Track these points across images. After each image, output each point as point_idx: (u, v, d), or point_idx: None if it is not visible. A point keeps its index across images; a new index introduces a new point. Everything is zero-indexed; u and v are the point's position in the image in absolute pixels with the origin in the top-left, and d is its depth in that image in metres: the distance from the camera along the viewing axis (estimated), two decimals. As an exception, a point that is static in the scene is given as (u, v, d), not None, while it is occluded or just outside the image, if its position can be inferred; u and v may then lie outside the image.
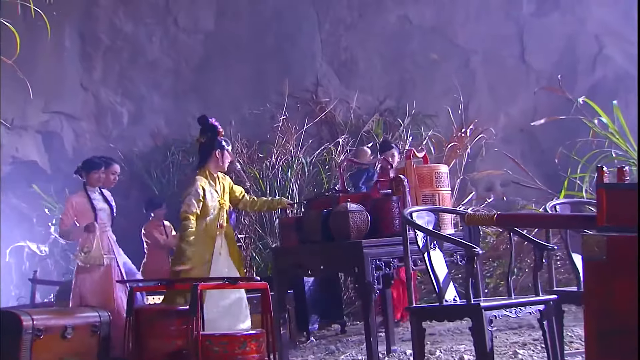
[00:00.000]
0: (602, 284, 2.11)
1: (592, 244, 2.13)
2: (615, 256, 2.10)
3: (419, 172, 3.93)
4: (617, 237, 2.13)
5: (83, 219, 5.14)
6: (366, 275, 3.54)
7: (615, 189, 2.23)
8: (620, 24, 10.22)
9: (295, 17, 9.71)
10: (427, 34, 9.99)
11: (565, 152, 6.80)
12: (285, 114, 8.09)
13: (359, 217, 3.68)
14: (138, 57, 9.23)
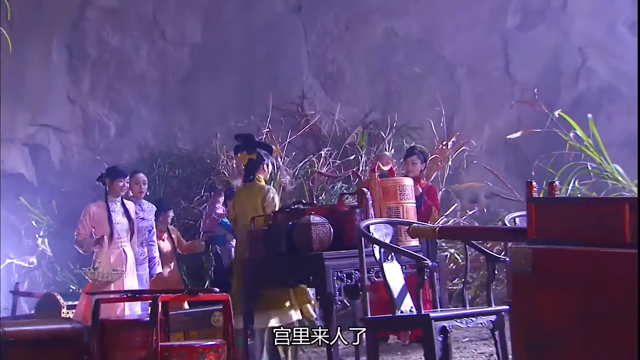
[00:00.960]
0: (527, 296, 2.17)
1: (518, 256, 2.20)
2: (540, 268, 2.17)
3: (383, 185, 4.01)
4: (543, 250, 2.20)
5: (99, 230, 4.99)
6: (327, 287, 3.61)
7: (543, 204, 2.30)
8: (603, 37, 10.33)
9: (281, 29, 9.82)
10: (413, 46, 10.10)
11: (541, 164, 6.87)
12: (269, 126, 8.17)
13: (322, 230, 3.75)
14: (125, 70, 9.33)
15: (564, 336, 2.10)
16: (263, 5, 9.86)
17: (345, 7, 9.97)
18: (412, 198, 4.06)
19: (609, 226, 2.10)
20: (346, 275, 3.68)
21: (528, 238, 2.29)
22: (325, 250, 3.75)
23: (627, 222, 2.08)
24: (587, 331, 2.05)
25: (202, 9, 9.70)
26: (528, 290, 2.18)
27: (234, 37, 9.72)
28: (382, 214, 3.93)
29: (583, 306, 2.06)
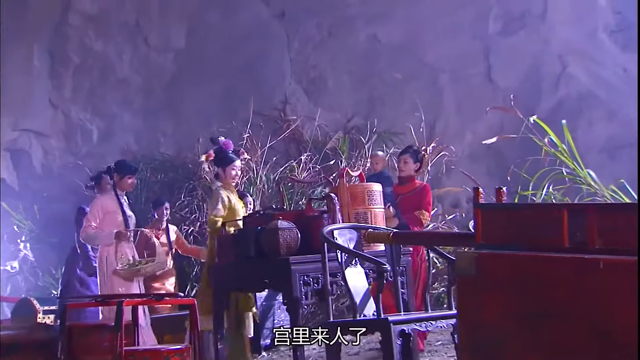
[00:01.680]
0: (472, 299, 2.23)
1: (463, 260, 2.26)
2: (484, 272, 2.22)
3: (351, 191, 4.06)
4: (487, 254, 2.26)
5: (110, 222, 4.85)
6: (294, 291, 3.65)
7: (489, 209, 2.36)
8: (583, 44, 10.44)
9: (265, 35, 9.88)
10: (395, 52, 10.17)
11: (516, 170, 6.94)
12: (249, 131, 8.21)
13: (289, 234, 3.80)
14: (108, 75, 9.37)
15: (506, 338, 2.15)
16: (246, 12, 9.93)
17: (328, 13, 10.04)
18: (380, 203, 4.12)
19: (549, 231, 2.16)
20: (313, 279, 3.72)
21: (476, 243, 2.35)
22: (293, 255, 3.80)
23: (566, 227, 2.14)
24: (526, 333, 2.11)
25: (185, 15, 9.75)
26: (473, 294, 2.23)
27: (218, 43, 9.77)
28: (350, 219, 3.98)
29: (523, 309, 2.12)
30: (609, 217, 2.08)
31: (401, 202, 5.44)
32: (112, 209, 4.88)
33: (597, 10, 10.85)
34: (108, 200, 4.94)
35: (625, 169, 9.81)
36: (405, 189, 5.60)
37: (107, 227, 4.81)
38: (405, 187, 5.62)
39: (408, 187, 5.62)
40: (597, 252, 2.06)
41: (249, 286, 4.06)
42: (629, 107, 10.26)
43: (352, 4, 10.10)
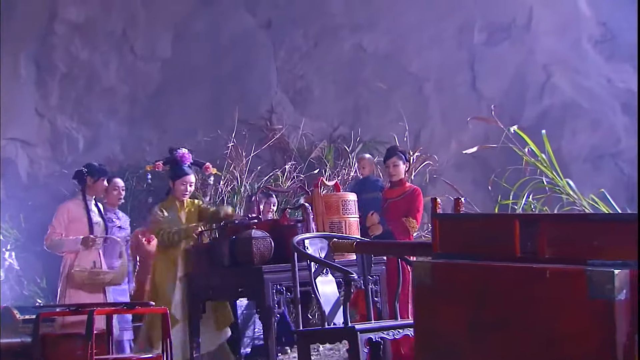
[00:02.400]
0: (428, 308, 2.27)
1: (420, 269, 2.30)
2: (439, 281, 2.27)
3: (326, 200, 4.10)
4: (442, 264, 2.30)
5: (76, 230, 4.65)
6: (266, 300, 3.69)
7: (446, 219, 2.40)
8: (567, 54, 10.55)
9: (251, 45, 9.94)
10: (381, 61, 10.25)
11: (496, 179, 6.99)
12: (234, 140, 8.25)
13: (262, 244, 3.84)
14: (94, 84, 9.40)
15: (459, 347, 2.19)
16: (233, 21, 9.99)
17: (314, 23, 10.12)
18: (354, 213, 4.16)
19: (502, 241, 2.21)
20: (286, 288, 3.76)
21: (433, 252, 2.40)
22: (267, 264, 3.84)
23: (518, 237, 2.18)
24: (478, 342, 2.15)
25: (172, 25, 9.80)
26: (428, 303, 2.28)
27: (204, 53, 9.82)
28: (324, 228, 4.02)
29: (475, 318, 2.16)
30: (558, 227, 2.13)
31: (390, 207, 5.24)
32: (79, 216, 4.69)
33: (581, 20, 10.97)
34: (73, 205, 4.76)
35: (609, 178, 9.91)
36: (395, 192, 5.36)
37: (72, 234, 4.64)
38: (395, 191, 5.37)
39: (398, 190, 5.36)
40: (547, 261, 2.11)
41: (223, 295, 4.09)
42: (612, 117, 10.39)
43: (338, 14, 10.18)
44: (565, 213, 5.90)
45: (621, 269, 1.91)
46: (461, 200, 2.44)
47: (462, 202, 2.44)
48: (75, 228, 4.68)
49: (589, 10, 11.13)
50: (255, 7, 10.11)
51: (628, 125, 10.37)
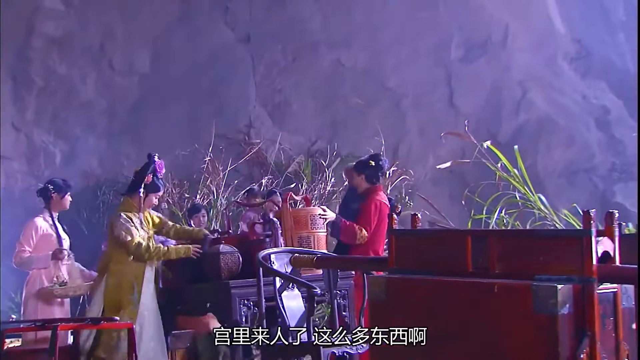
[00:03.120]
0: (382, 322, 2.30)
1: (374, 284, 2.34)
2: (393, 296, 2.30)
3: (295, 215, 4.13)
4: (396, 279, 2.34)
5: (45, 247, 4.58)
6: (233, 314, 3.70)
7: (402, 235, 2.44)
8: (542, 71, 10.72)
9: (230, 59, 9.99)
10: (359, 77, 10.34)
11: (470, 194, 7.07)
12: (210, 155, 8.28)
13: (230, 259, 3.86)
14: (72, 98, 9.38)
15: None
16: (212, 36, 10.04)
17: (293, 38, 10.19)
18: (323, 227, 4.19)
19: (455, 257, 2.25)
20: (253, 303, 3.77)
21: (389, 267, 2.43)
22: (235, 279, 3.85)
23: (469, 253, 2.23)
24: (430, 356, 2.18)
25: (150, 39, 9.83)
26: (382, 317, 2.31)
27: (183, 67, 9.85)
28: (293, 243, 4.05)
29: (428, 332, 2.20)
30: (507, 243, 2.18)
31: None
32: (47, 232, 4.63)
33: (556, 38, 11.16)
34: (42, 222, 4.69)
35: (583, 193, 10.04)
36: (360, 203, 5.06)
37: (42, 251, 4.59)
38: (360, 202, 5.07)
39: (361, 201, 5.06)
40: (497, 276, 2.16)
41: (192, 310, 4.09)
42: (586, 133, 10.54)
43: (317, 30, 10.27)
44: (513, 229, 5.93)
45: (564, 284, 1.96)
46: (418, 215, 2.49)
47: (418, 218, 2.48)
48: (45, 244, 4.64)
49: (564, 28, 11.32)
50: (234, 22, 10.17)
51: (602, 141, 10.53)
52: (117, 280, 4.18)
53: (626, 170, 10.01)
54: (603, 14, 12.51)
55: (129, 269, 4.18)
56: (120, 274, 4.20)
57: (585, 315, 1.96)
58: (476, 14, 10.67)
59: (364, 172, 4.94)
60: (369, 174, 4.91)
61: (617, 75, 11.83)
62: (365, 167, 4.98)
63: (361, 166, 5.01)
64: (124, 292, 4.14)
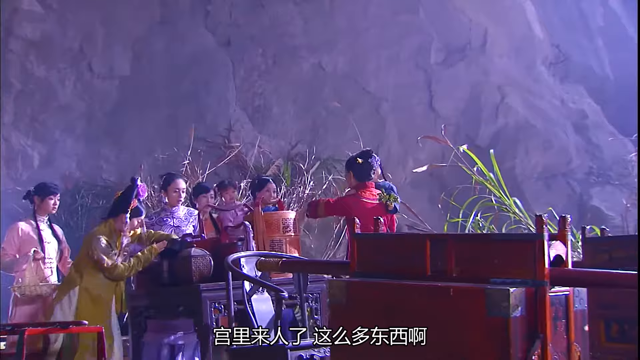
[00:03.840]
0: (343, 326, 2.33)
1: (334, 288, 2.36)
2: (353, 300, 2.33)
3: (267, 219, 4.15)
4: (357, 282, 2.37)
5: (26, 251, 4.70)
6: (204, 318, 3.71)
7: (363, 239, 2.47)
8: (521, 75, 10.82)
9: (210, 63, 9.99)
10: (339, 81, 10.38)
11: (445, 198, 7.13)
12: (189, 158, 8.27)
13: (202, 262, 3.87)
14: (50, 101, 9.34)
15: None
16: (192, 39, 10.04)
17: (273, 42, 10.22)
18: (295, 231, 4.21)
19: (414, 260, 2.28)
20: (224, 306, 3.79)
21: (350, 271, 2.46)
22: (206, 282, 3.86)
23: (428, 257, 2.26)
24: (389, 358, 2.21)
25: (130, 42, 9.81)
26: (343, 321, 2.33)
27: (163, 70, 9.84)
28: (265, 246, 4.07)
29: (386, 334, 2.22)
30: (465, 247, 2.21)
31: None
32: (27, 237, 4.73)
33: (535, 43, 11.27)
34: (25, 226, 4.79)
35: (560, 196, 10.14)
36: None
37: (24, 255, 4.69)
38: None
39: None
40: (454, 280, 2.19)
41: (164, 313, 4.09)
42: (564, 137, 10.64)
43: (297, 34, 10.30)
44: (470, 233, 5.97)
45: (517, 287, 1.99)
46: (380, 220, 2.51)
47: (381, 222, 2.51)
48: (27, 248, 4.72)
49: (543, 33, 11.44)
50: (214, 26, 10.18)
51: (579, 145, 10.65)
52: (91, 296, 4.24)
53: (602, 174, 10.13)
54: (582, 19, 12.66)
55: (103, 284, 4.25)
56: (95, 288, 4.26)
57: (537, 317, 1.99)
58: (456, 19, 10.76)
59: (352, 169, 4.95)
60: (357, 171, 4.88)
61: (595, 80, 11.97)
62: (352, 164, 4.97)
63: (350, 164, 5.02)
64: (99, 306, 4.20)
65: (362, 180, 4.86)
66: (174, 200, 5.29)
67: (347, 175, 5.02)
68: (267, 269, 2.85)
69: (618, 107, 11.78)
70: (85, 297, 4.16)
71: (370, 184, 4.92)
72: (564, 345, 2.04)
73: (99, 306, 4.20)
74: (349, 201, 4.76)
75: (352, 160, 5.03)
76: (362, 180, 4.86)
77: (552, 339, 1.99)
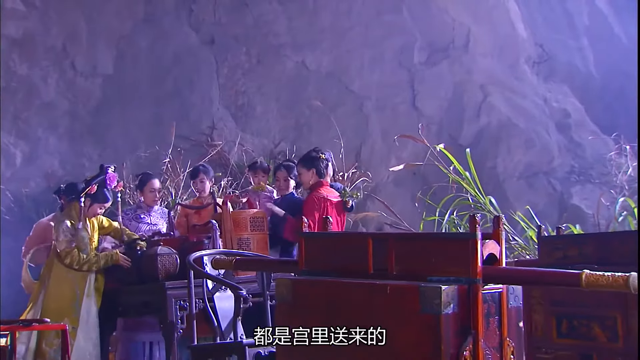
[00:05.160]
0: (288, 323, 2.37)
1: (281, 286, 2.41)
2: (299, 297, 2.38)
3: (234, 217, 4.20)
4: (302, 280, 2.42)
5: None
6: (169, 316, 3.76)
7: (311, 238, 2.52)
8: (504, 74, 10.88)
9: (194, 61, 10.02)
10: (323, 80, 10.42)
11: (421, 196, 7.19)
12: (169, 156, 8.30)
13: (168, 260, 3.91)
14: (34, 99, 9.35)
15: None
16: (176, 38, 10.06)
17: (257, 41, 10.25)
18: (263, 229, 4.26)
19: (357, 259, 2.33)
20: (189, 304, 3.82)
21: (299, 269, 2.51)
22: (173, 280, 3.91)
23: (371, 255, 2.31)
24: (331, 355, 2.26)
25: (114, 40, 9.82)
26: (288, 318, 2.38)
27: (147, 69, 9.85)
28: (233, 244, 4.11)
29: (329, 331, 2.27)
30: (404, 246, 2.27)
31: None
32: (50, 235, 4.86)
33: (518, 42, 11.33)
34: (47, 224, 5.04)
35: (542, 195, 10.22)
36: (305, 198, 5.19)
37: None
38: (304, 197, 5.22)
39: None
40: (395, 277, 2.24)
41: (131, 311, 4.13)
42: (546, 136, 10.72)
43: (281, 33, 10.33)
44: (410, 232, 6.03)
45: (449, 285, 2.04)
46: (329, 219, 2.56)
47: (330, 221, 2.56)
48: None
49: (526, 32, 11.50)
50: (198, 25, 10.20)
51: (562, 144, 10.72)
52: (59, 289, 4.24)
53: (584, 173, 10.21)
54: (567, 18, 12.72)
55: (72, 277, 4.24)
56: (63, 281, 4.25)
57: (470, 314, 2.05)
58: (439, 18, 10.81)
59: (315, 166, 5.00)
60: (319, 168, 4.97)
61: (579, 79, 12.05)
62: (315, 161, 5.03)
63: (311, 161, 5.06)
64: (66, 300, 4.20)
65: (322, 177, 4.92)
66: (150, 200, 5.38)
67: (307, 172, 5.04)
68: (221, 266, 2.89)
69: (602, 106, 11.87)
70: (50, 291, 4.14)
71: (326, 182, 5.01)
72: (497, 341, 2.09)
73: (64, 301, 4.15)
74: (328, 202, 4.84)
75: (315, 157, 5.08)
76: (322, 177, 4.92)
77: (485, 335, 2.05)
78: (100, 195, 4.56)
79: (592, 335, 2.93)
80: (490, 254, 2.11)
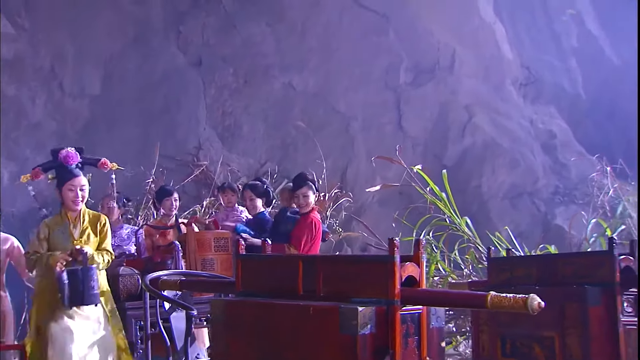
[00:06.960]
0: (222, 342, 2.43)
1: (215, 307, 2.47)
2: (231, 318, 2.44)
3: (199, 238, 4.26)
4: (235, 301, 2.48)
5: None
6: (129, 336, 3.81)
7: (246, 260, 2.58)
8: (489, 95, 11.00)
9: (181, 82, 10.14)
10: (310, 100, 10.54)
11: (397, 217, 7.25)
12: (153, 176, 8.38)
13: (129, 280, 3.97)
14: (22, 120, 9.45)
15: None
16: (163, 59, 10.19)
17: (245, 62, 10.37)
18: (227, 249, 4.32)
19: (288, 280, 2.39)
20: (151, 323, 3.88)
21: (237, 290, 2.57)
22: (134, 300, 3.96)
23: (301, 277, 2.37)
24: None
25: (101, 61, 9.95)
26: (222, 338, 2.44)
27: (134, 89, 9.97)
28: (197, 265, 4.17)
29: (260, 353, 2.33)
30: (331, 268, 2.33)
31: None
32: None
33: (504, 64, 11.46)
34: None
35: (525, 215, 10.27)
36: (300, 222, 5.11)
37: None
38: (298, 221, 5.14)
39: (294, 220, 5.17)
40: (321, 299, 2.30)
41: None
42: (531, 157, 10.80)
43: (268, 54, 10.46)
44: (337, 255, 6.12)
45: (367, 306, 2.10)
46: (267, 241, 2.63)
47: (267, 244, 2.63)
48: None
49: (512, 54, 11.63)
50: (186, 46, 10.34)
51: (546, 164, 10.80)
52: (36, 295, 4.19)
53: (568, 194, 10.27)
54: (555, 40, 12.87)
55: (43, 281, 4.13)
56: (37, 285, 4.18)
57: (388, 334, 2.10)
58: (425, 40, 10.94)
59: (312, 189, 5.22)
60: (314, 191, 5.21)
61: (567, 101, 12.15)
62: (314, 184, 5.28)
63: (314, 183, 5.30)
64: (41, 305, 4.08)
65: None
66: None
67: (309, 194, 5.17)
68: (169, 287, 2.96)
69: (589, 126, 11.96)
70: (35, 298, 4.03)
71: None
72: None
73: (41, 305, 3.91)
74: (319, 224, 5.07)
75: (313, 180, 5.34)
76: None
77: (403, 354, 2.10)
78: (63, 175, 4.32)
79: (532, 355, 2.98)
80: (409, 275, 2.17)
